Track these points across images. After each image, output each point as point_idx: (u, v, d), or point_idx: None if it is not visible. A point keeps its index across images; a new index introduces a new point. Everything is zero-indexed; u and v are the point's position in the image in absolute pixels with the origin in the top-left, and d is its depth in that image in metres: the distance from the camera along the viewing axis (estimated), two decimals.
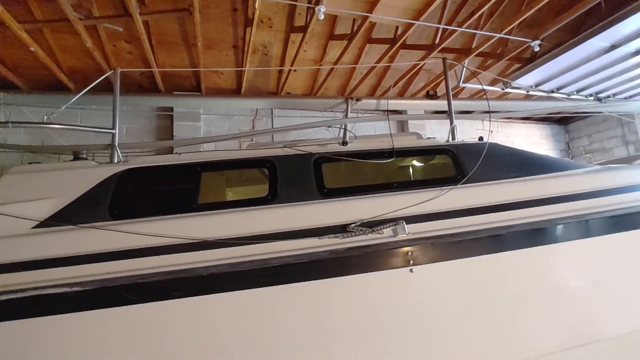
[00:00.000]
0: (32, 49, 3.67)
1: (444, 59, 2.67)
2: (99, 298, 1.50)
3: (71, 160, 1.98)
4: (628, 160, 2.82)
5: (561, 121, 7.54)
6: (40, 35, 3.84)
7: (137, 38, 3.86)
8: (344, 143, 2.17)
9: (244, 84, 5.01)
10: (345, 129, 2.24)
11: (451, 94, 2.57)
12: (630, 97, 4.71)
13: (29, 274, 1.50)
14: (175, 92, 4.96)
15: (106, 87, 4.65)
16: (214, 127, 5.23)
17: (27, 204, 1.65)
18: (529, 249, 1.84)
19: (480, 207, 1.86)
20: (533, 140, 7.21)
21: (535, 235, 1.87)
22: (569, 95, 4.66)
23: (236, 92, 5.26)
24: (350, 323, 1.67)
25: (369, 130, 5.68)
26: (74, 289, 1.46)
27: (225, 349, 1.56)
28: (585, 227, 1.91)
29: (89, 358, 1.49)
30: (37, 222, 1.63)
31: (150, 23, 3.90)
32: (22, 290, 1.45)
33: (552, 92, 4.58)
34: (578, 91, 4.61)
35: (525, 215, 1.87)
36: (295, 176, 1.92)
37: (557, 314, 1.82)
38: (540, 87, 4.46)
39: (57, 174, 1.79)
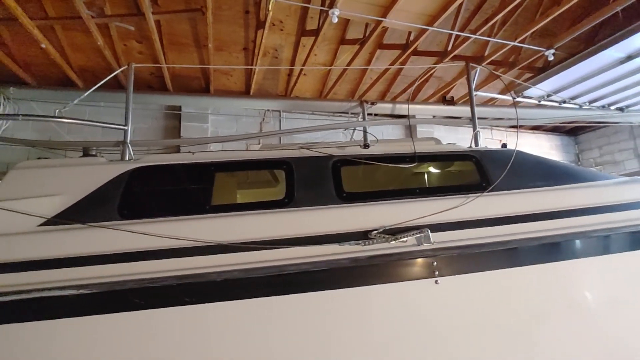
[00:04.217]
0: (43, 45, 3.67)
1: (467, 63, 2.63)
2: (106, 302, 1.44)
3: (80, 157, 1.93)
4: None
5: (571, 132, 7.46)
6: (51, 33, 3.84)
7: (149, 38, 3.85)
8: (366, 146, 2.10)
9: (253, 86, 4.98)
10: (365, 132, 2.18)
11: (474, 99, 2.51)
12: None
13: (33, 274, 1.43)
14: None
15: (115, 85, 4.68)
16: (221, 129, 5.20)
17: (34, 201, 1.60)
18: (560, 262, 1.77)
19: (508, 216, 1.78)
20: (542, 150, 7.13)
21: (567, 248, 1.79)
22: (581, 106, 4.60)
23: (245, 94, 5.24)
24: (371, 336, 1.59)
25: (378, 135, 5.63)
26: (80, 291, 1.40)
27: (236, 358, 1.49)
28: (618, 241, 1.83)
29: None
30: (44, 220, 1.57)
31: (162, 23, 3.90)
32: (25, 292, 1.38)
33: (565, 102, 4.53)
34: (591, 102, 4.56)
35: (557, 227, 1.79)
36: (313, 179, 1.85)
37: (587, 333, 1.74)
38: (553, 97, 4.41)
39: (66, 170, 1.74)
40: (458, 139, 6.08)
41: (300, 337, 1.54)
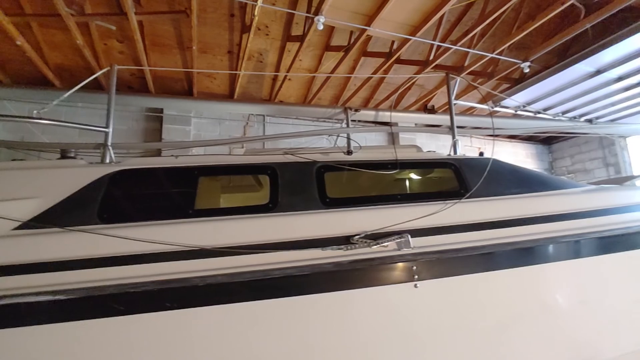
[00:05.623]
0: (18, 42, 3.54)
1: (447, 73, 2.71)
2: (85, 308, 1.39)
3: (58, 159, 1.87)
4: (619, 181, 2.90)
5: (545, 141, 7.77)
6: (28, 30, 3.71)
7: (130, 38, 3.78)
8: (349, 152, 2.13)
9: (237, 89, 4.96)
10: (349, 138, 2.21)
11: (454, 108, 2.60)
12: (612, 120, 4.90)
13: (7, 279, 1.37)
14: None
15: (94, 85, 4.56)
16: (204, 132, 5.14)
17: (9, 204, 1.54)
18: (534, 266, 1.84)
19: (484, 222, 1.85)
20: (518, 158, 7.40)
21: (539, 253, 1.87)
22: (554, 116, 4.82)
23: (229, 97, 5.20)
24: (352, 339, 1.61)
25: (361, 141, 5.69)
26: (57, 297, 1.35)
27: None
28: (588, 246, 1.92)
29: None
30: (18, 224, 1.51)
31: (144, 23, 3.83)
32: None
33: (539, 112, 4.73)
34: (564, 113, 4.78)
35: (530, 232, 1.86)
36: (296, 184, 1.86)
37: (559, 333, 1.81)
38: (528, 108, 4.60)
39: (42, 172, 1.68)
40: (438, 145, 6.24)
41: (283, 342, 1.54)
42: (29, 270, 1.41)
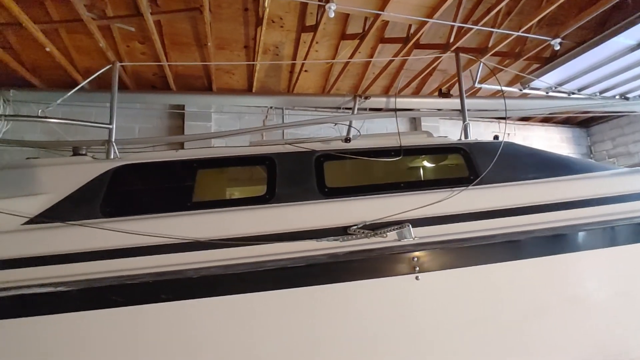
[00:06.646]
0: (47, 49, 3.74)
1: (457, 54, 2.56)
2: (83, 299, 1.45)
3: (70, 156, 1.95)
4: None
5: (583, 124, 7.24)
6: (56, 36, 3.91)
7: (150, 38, 3.88)
8: (347, 140, 2.05)
9: (255, 83, 4.99)
10: (349, 126, 2.15)
11: (464, 89, 2.45)
12: None
13: (12, 272, 1.45)
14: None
15: (120, 86, 4.76)
16: (224, 127, 5.23)
17: (19, 200, 1.62)
18: (548, 257, 1.70)
19: (495, 210, 1.72)
20: (552, 143, 6.95)
21: (555, 242, 1.72)
22: (591, 96, 4.46)
23: (247, 91, 5.26)
24: (349, 333, 1.57)
25: (382, 130, 5.58)
26: (58, 289, 1.41)
27: (215, 356, 1.49)
28: (611, 234, 1.76)
29: None
30: (27, 219, 1.59)
31: (162, 23, 3.93)
32: (4, 290, 1.40)
33: (574, 93, 4.39)
34: (602, 92, 4.40)
35: (544, 220, 1.72)
36: (295, 174, 1.83)
37: (576, 329, 1.69)
38: (561, 88, 4.28)
39: (51, 169, 1.75)
40: (474, 132, 5.95)
41: (279, 334, 1.54)
42: (32, 263, 1.48)
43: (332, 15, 3.10)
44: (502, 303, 1.68)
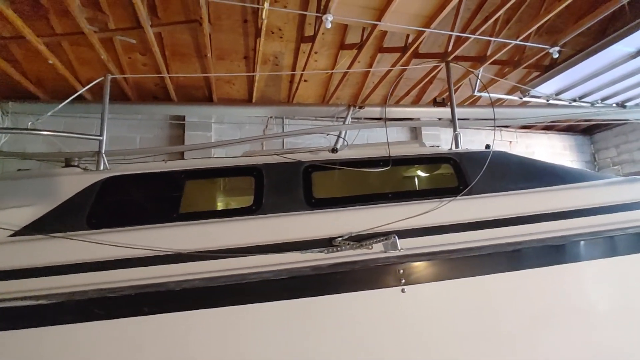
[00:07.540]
0: (50, 61, 3.80)
1: (447, 64, 2.56)
2: (64, 312, 1.43)
3: (62, 167, 1.96)
4: None
5: (586, 131, 7.19)
6: (60, 48, 3.98)
7: (151, 50, 3.94)
8: (334, 150, 2.04)
9: (255, 93, 5.03)
10: (338, 137, 2.14)
11: (454, 99, 2.43)
12: None
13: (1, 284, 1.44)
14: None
15: (121, 97, 4.83)
16: (225, 137, 5.26)
17: (7, 212, 1.62)
18: (538, 269, 1.66)
19: (483, 221, 1.69)
20: (555, 150, 6.89)
21: (546, 254, 1.68)
22: (592, 104, 4.42)
23: (248, 101, 5.29)
24: (333, 347, 1.53)
25: (383, 138, 5.55)
26: (39, 302, 1.39)
27: None
28: (604, 245, 1.72)
29: None
30: (14, 231, 1.58)
31: (163, 35, 3.99)
32: None
33: (574, 100, 4.37)
34: (602, 100, 4.38)
35: (534, 231, 1.68)
36: (282, 185, 1.81)
37: (569, 344, 1.64)
38: (561, 96, 4.26)
39: (39, 181, 1.76)
40: (472, 140, 5.92)
41: (262, 348, 1.51)
42: (14, 276, 1.46)
43: (329, 26, 3.12)
44: (491, 316, 1.64)
